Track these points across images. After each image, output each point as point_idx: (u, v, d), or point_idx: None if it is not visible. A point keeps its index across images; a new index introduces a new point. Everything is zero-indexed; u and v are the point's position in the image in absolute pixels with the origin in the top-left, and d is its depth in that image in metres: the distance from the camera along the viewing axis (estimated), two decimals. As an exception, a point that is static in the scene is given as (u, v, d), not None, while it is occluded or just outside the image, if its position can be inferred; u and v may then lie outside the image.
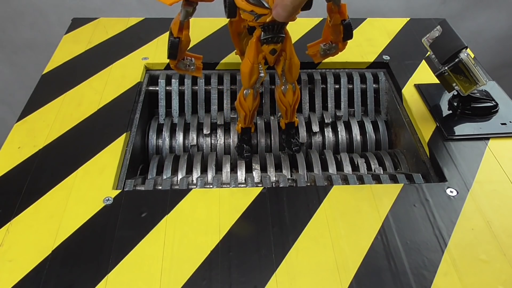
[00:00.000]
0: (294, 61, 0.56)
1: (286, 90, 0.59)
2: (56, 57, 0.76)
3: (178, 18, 0.54)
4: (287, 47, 0.54)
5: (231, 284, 0.44)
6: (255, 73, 0.55)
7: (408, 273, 0.46)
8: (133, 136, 0.64)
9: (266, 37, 0.52)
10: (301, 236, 0.49)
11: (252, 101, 0.59)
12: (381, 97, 0.76)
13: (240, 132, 0.64)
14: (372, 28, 0.85)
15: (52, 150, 0.59)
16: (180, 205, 0.52)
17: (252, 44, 0.53)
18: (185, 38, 0.56)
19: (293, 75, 0.57)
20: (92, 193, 0.53)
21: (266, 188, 0.54)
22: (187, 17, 0.53)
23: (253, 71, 0.55)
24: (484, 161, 0.58)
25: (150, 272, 0.45)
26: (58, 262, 0.46)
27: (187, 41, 0.56)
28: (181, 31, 0.55)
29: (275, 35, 0.52)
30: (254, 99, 0.59)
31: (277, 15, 0.46)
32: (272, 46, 0.52)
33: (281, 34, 0.52)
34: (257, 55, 0.54)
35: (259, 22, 0.49)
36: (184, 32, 0.55)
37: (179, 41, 0.55)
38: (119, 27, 0.84)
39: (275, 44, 0.52)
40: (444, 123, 0.64)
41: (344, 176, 0.59)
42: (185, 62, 0.60)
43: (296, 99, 0.60)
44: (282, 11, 0.46)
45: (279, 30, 0.51)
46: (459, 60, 0.60)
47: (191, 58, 0.60)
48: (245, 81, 0.56)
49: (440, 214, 0.52)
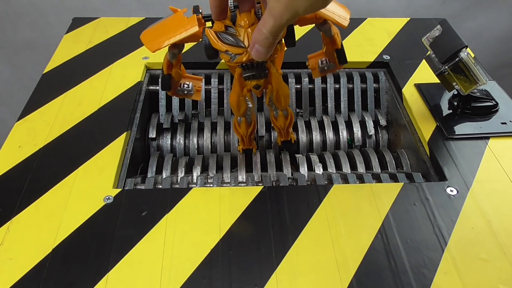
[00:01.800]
0: (282, 93, 0.54)
1: (278, 116, 0.59)
2: (56, 56, 0.76)
3: (167, 57, 0.53)
4: (272, 80, 0.52)
5: (232, 283, 0.44)
6: (242, 105, 0.55)
7: (408, 272, 0.46)
8: (133, 135, 0.64)
9: (247, 75, 0.50)
10: (301, 235, 0.49)
11: (246, 128, 0.59)
12: (381, 96, 0.76)
13: (241, 152, 0.65)
14: (372, 28, 0.85)
15: (52, 149, 0.59)
16: (180, 203, 0.52)
17: (235, 79, 0.52)
18: (175, 75, 0.56)
19: (283, 104, 0.56)
20: (92, 192, 0.53)
21: (266, 187, 0.54)
22: (174, 57, 0.53)
23: (240, 103, 0.55)
24: (484, 160, 0.58)
25: (151, 270, 0.45)
26: (59, 260, 0.46)
27: (178, 77, 0.57)
28: (171, 69, 0.55)
29: (256, 72, 0.50)
30: (248, 125, 0.59)
31: (255, 55, 0.44)
32: (255, 82, 0.51)
33: (262, 72, 0.50)
34: (241, 90, 0.53)
35: (236, 62, 0.48)
36: (173, 70, 0.55)
37: (170, 77, 0.55)
38: (119, 27, 0.84)
39: (258, 79, 0.51)
40: (444, 123, 0.64)
41: (344, 175, 0.59)
42: (182, 88, 0.59)
43: (289, 123, 0.60)
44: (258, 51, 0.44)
45: (260, 67, 0.49)
46: (459, 59, 0.60)
47: (189, 83, 0.59)
48: (235, 112, 0.57)
49: (440, 213, 0.52)
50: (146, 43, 0.50)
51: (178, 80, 0.58)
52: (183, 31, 0.49)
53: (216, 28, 0.47)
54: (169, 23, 0.51)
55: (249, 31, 0.46)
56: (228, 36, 0.47)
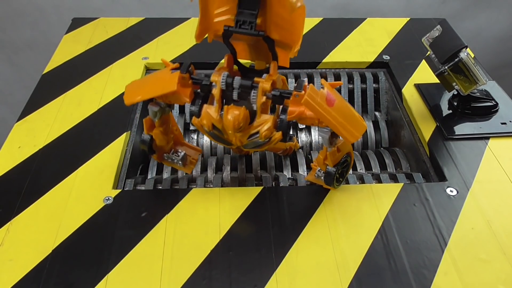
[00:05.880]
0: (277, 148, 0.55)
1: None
2: (56, 57, 0.76)
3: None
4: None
5: (231, 284, 0.44)
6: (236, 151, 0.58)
7: (408, 272, 0.46)
8: (133, 136, 0.64)
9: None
10: (301, 236, 0.49)
11: (240, 151, 0.61)
12: (381, 96, 0.76)
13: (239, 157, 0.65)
14: (372, 28, 0.85)
15: (52, 150, 0.59)
16: (180, 204, 0.52)
17: None
18: (156, 137, 0.50)
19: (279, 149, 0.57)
20: (92, 193, 0.53)
21: (266, 188, 0.54)
22: (156, 117, 0.48)
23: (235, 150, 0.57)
24: (484, 160, 0.58)
25: (150, 271, 0.45)
26: (58, 261, 0.46)
27: (162, 141, 0.51)
28: (152, 129, 0.50)
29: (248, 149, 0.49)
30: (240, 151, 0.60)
31: None
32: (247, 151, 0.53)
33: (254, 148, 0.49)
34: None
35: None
36: (155, 131, 0.50)
37: (151, 138, 0.50)
38: (119, 27, 0.84)
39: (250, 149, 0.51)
40: (444, 123, 0.64)
41: (344, 175, 0.59)
42: (170, 156, 0.53)
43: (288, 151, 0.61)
44: None
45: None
46: (459, 59, 0.60)
47: (181, 151, 0.54)
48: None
49: (440, 214, 0.52)
50: (125, 94, 0.47)
51: (163, 144, 0.51)
52: (160, 88, 0.45)
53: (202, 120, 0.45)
54: (154, 78, 0.47)
55: (239, 137, 0.44)
56: (215, 134, 0.46)
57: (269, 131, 0.43)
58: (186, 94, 0.45)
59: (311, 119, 0.44)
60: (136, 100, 0.46)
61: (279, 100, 0.43)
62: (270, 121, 0.43)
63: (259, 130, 0.43)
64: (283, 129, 0.43)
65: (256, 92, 0.43)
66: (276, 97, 0.43)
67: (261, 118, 0.43)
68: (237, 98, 0.43)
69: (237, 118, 0.42)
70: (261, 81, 0.43)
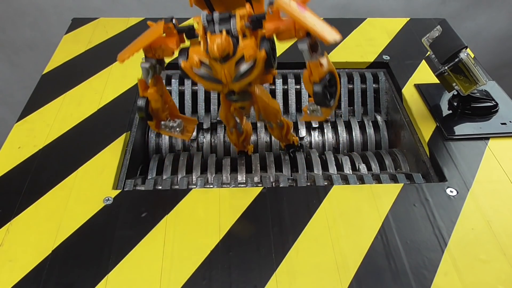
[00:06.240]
0: (271, 110, 0.55)
1: (273, 127, 0.60)
2: (56, 57, 0.76)
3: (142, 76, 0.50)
4: (258, 101, 0.53)
5: (231, 284, 0.44)
6: (231, 120, 0.57)
7: (408, 273, 0.46)
8: (133, 136, 0.64)
9: (230, 99, 0.51)
10: (301, 236, 0.49)
11: (237, 137, 0.61)
12: (381, 97, 0.76)
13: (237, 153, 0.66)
14: (372, 28, 0.85)
15: (52, 150, 0.59)
16: (180, 205, 0.52)
17: (222, 99, 0.53)
18: (152, 97, 0.50)
19: (272, 118, 0.57)
20: (92, 193, 0.53)
21: (266, 188, 0.54)
22: (148, 74, 0.49)
23: (229, 118, 0.57)
24: (484, 160, 0.58)
25: (150, 272, 0.45)
26: (58, 261, 0.46)
27: (155, 100, 0.50)
28: (146, 90, 0.50)
29: (239, 98, 0.51)
30: (239, 135, 0.61)
31: None
32: (240, 104, 0.53)
33: (245, 97, 0.51)
34: (229, 108, 0.55)
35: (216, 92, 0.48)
36: (149, 91, 0.50)
37: (146, 100, 0.50)
38: (119, 27, 0.84)
39: (242, 102, 0.52)
40: (444, 123, 0.64)
41: (344, 176, 0.59)
42: (167, 123, 0.54)
43: (286, 133, 0.60)
44: None
45: (242, 93, 0.50)
46: (459, 59, 0.60)
47: (176, 120, 0.54)
48: (226, 124, 0.58)
49: (440, 214, 0.52)
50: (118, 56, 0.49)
51: (159, 107, 0.51)
52: (147, 38, 0.48)
53: (190, 62, 0.46)
54: (141, 35, 0.50)
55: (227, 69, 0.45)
56: (205, 73, 0.47)
57: (253, 50, 0.45)
58: (172, 42, 0.48)
59: (288, 31, 0.45)
60: (128, 56, 0.48)
61: (257, 23, 0.45)
62: (252, 42, 0.45)
63: (244, 53, 0.45)
64: (265, 47, 0.45)
65: (234, 19, 0.45)
66: (254, 21, 0.45)
67: (243, 43, 0.45)
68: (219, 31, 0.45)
69: (220, 42, 0.44)
70: (238, 10, 0.45)
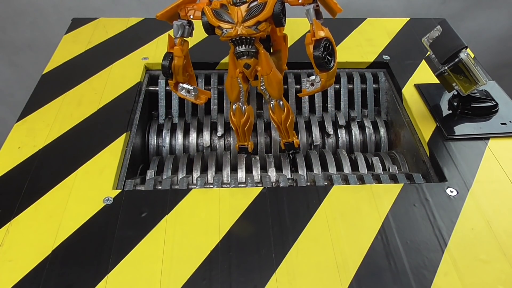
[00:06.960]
0: (273, 77, 0.56)
1: (274, 108, 0.60)
2: (56, 57, 0.76)
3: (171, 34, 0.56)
4: (263, 62, 0.55)
5: (231, 284, 0.44)
6: (235, 87, 0.58)
7: (408, 273, 0.46)
8: (133, 136, 0.64)
9: (237, 52, 0.54)
10: (301, 236, 0.49)
11: (239, 116, 0.61)
12: (381, 97, 0.76)
13: (238, 150, 0.66)
14: (372, 28, 0.85)
15: (52, 150, 0.59)
16: (180, 205, 0.52)
17: (229, 59, 0.57)
18: (176, 53, 0.56)
19: (275, 90, 0.57)
20: (92, 193, 0.53)
21: (266, 188, 0.54)
22: (179, 32, 0.56)
23: (233, 84, 0.58)
24: (484, 161, 0.58)
25: (150, 272, 0.45)
26: (58, 262, 0.46)
27: (178, 57, 0.56)
28: (173, 48, 0.56)
29: (245, 50, 0.53)
30: (242, 115, 0.61)
31: None
32: (245, 61, 0.54)
33: (251, 49, 0.53)
34: (235, 69, 0.57)
35: (227, 36, 0.52)
36: (175, 48, 0.56)
37: (171, 56, 0.56)
38: (119, 27, 0.84)
39: (248, 58, 0.54)
40: (444, 123, 0.64)
41: (344, 176, 0.59)
42: (184, 86, 0.59)
43: (285, 117, 0.61)
44: None
45: (249, 44, 0.53)
46: (459, 59, 0.60)
47: (193, 86, 0.60)
48: (229, 95, 0.60)
49: (440, 214, 0.52)
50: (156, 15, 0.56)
51: (180, 65, 0.56)
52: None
53: (213, 6, 0.53)
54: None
55: (241, 9, 0.51)
56: (222, 13, 0.52)
57: None
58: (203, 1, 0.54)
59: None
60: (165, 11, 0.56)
61: None
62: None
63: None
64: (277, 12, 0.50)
65: None
66: None
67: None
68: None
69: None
70: None
